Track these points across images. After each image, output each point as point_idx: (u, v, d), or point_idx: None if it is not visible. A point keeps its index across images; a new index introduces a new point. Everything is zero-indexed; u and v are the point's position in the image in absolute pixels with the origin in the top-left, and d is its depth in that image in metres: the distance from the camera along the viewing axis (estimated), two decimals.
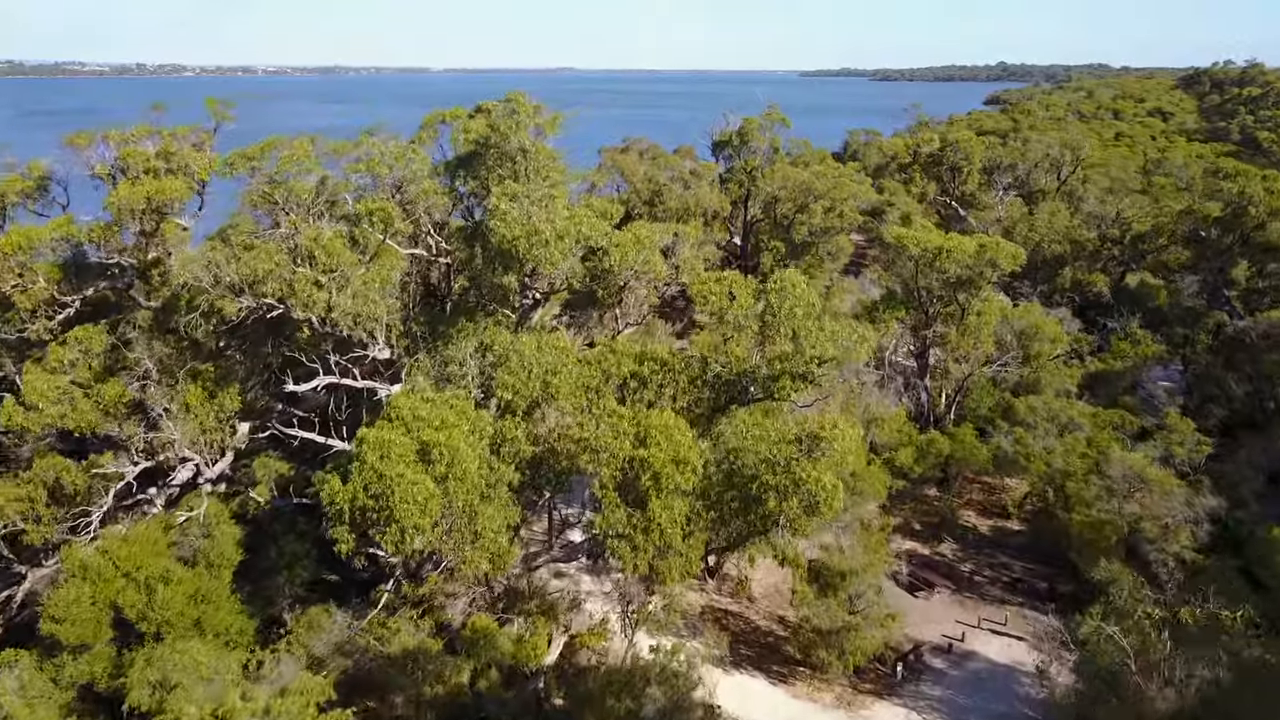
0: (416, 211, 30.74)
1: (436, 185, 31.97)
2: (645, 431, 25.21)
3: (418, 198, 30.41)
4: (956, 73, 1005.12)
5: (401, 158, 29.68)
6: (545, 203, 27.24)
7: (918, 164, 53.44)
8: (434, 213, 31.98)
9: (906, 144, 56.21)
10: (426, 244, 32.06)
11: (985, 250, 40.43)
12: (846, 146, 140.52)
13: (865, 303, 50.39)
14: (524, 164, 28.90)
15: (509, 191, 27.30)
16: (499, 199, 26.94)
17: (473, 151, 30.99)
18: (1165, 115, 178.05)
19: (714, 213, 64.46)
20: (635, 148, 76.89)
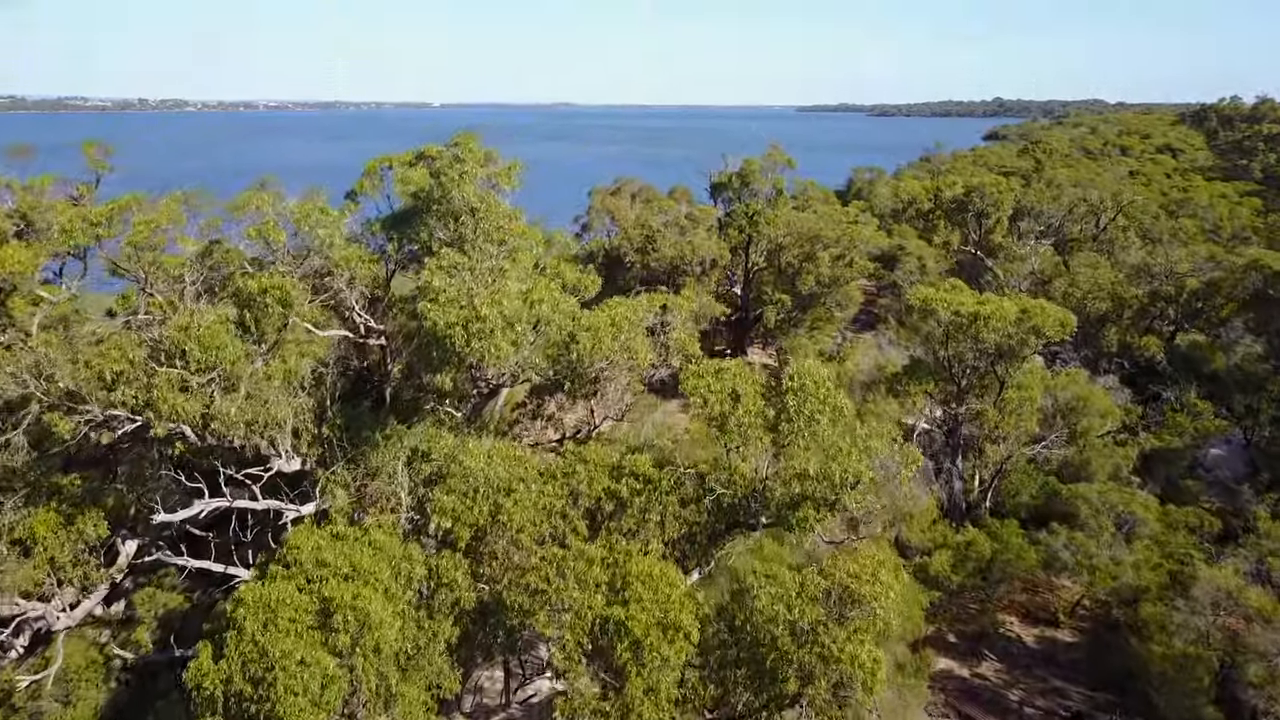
0: (337, 283, 24.88)
1: (363, 251, 26.20)
2: (623, 581, 19.08)
3: (337, 266, 24.59)
4: (953, 108, 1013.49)
5: (306, 220, 23.80)
6: (494, 277, 21.42)
7: (940, 210, 48.09)
8: (361, 284, 26.07)
9: (926, 188, 50.94)
10: (353, 323, 26.17)
11: (1028, 316, 34.53)
12: (850, 185, 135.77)
13: (885, 368, 44.47)
14: (471, 225, 23.12)
15: (446, 263, 21.47)
16: (432, 273, 21.10)
17: (412, 208, 25.27)
18: (1174, 152, 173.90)
19: (712, 261, 58.74)
20: (627, 189, 71.52)
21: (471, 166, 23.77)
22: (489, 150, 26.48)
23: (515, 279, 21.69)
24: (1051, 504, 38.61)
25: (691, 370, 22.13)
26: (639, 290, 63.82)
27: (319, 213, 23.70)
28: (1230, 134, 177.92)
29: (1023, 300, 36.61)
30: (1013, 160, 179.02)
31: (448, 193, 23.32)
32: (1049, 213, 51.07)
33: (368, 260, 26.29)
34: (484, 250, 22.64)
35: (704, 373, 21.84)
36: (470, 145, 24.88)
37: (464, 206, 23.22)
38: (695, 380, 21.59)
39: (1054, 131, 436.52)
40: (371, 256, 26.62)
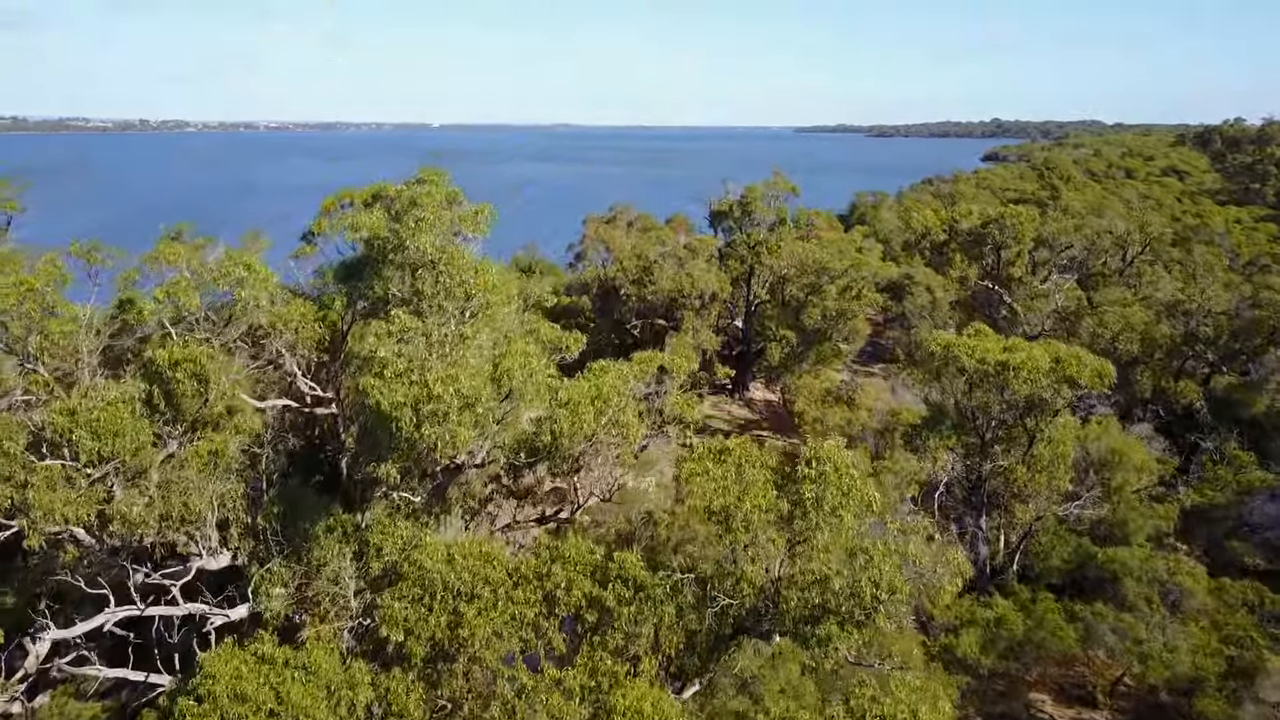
0: (274, 345, 21.59)
1: (307, 307, 22.89)
2: (606, 715, 15.65)
3: (274, 327, 21.32)
4: (952, 129, 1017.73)
5: (225, 279, 20.43)
6: (454, 345, 18.18)
7: (956, 242, 45.10)
8: (306, 346, 22.73)
9: (941, 218, 47.93)
10: (298, 391, 22.88)
11: (1063, 366, 31.25)
12: (853, 209, 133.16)
13: (900, 415, 41.13)
14: (430, 280, 19.83)
15: (398, 329, 18.19)
16: (379, 340, 17.82)
17: (365, 256, 22.00)
18: (1180, 174, 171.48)
19: (712, 294, 55.56)
20: (623, 217, 68.53)
21: (431, 213, 20.45)
22: (454, 191, 23.15)
23: (479, 346, 18.41)
24: (1086, 568, 35.14)
25: (690, 465, 18.77)
26: (634, 324, 60.74)
27: (243, 269, 20.37)
28: (1239, 157, 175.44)
29: (1054, 346, 33.32)
30: (1016, 182, 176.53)
31: (402, 243, 20.09)
32: (1071, 244, 47.80)
33: (313, 318, 22.97)
34: (444, 310, 19.38)
35: (704, 455, 18.51)
36: (431, 189, 21.51)
37: (421, 259, 19.97)
38: (695, 466, 18.25)
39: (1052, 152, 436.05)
40: (318, 314, 23.27)
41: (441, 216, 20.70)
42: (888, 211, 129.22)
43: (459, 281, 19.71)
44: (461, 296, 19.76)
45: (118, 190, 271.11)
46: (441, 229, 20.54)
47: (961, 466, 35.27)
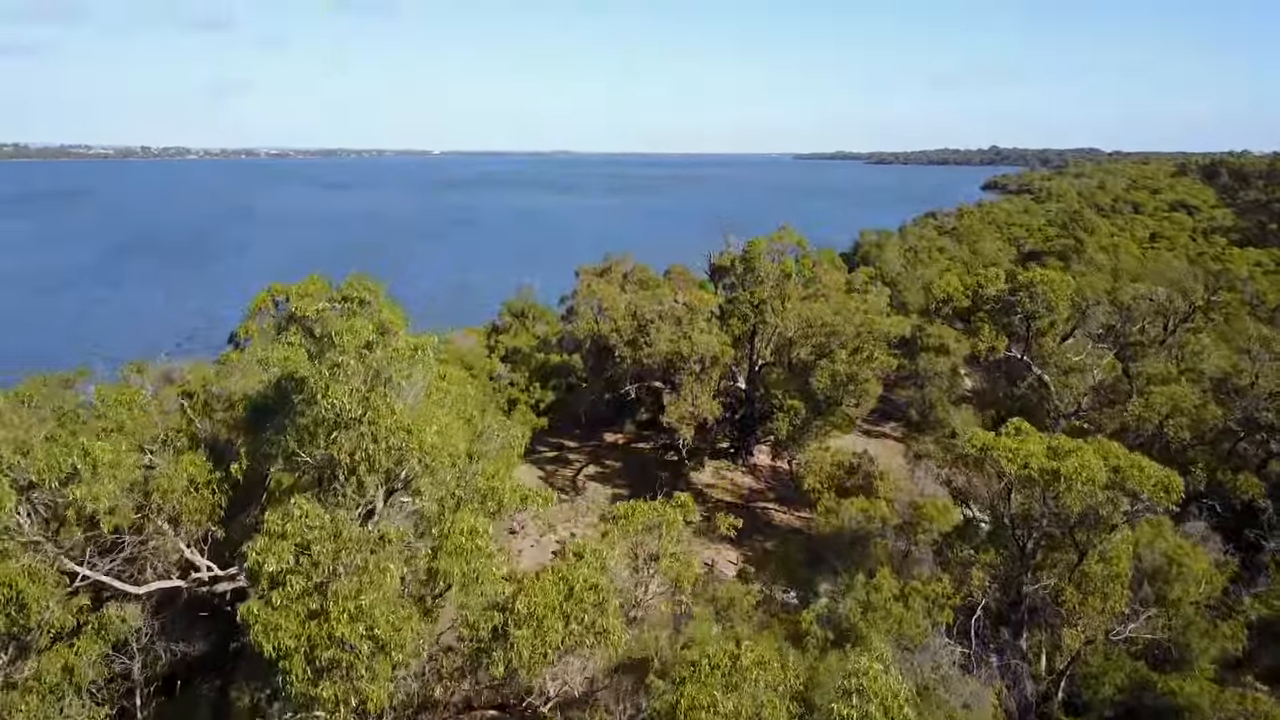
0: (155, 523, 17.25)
1: (197, 465, 18.53)
2: None
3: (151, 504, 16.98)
4: (950, 156, 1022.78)
5: (52, 472, 15.95)
6: (372, 548, 13.88)
7: (983, 311, 41.11)
8: (194, 519, 18.37)
9: (965, 283, 43.91)
10: (190, 565, 18.57)
11: (1122, 477, 26.97)
12: (857, 248, 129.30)
13: (924, 510, 36.71)
14: (347, 444, 15.40)
15: (295, 527, 13.82)
16: (266, 544, 13.37)
17: (279, 396, 17.72)
18: (1189, 209, 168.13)
19: (713, 358, 51.37)
20: (618, 268, 64.54)
21: (353, 355, 16.20)
22: (386, 318, 18.78)
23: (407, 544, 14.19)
24: (1143, 696, 30.63)
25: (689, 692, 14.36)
26: (629, 391, 56.47)
27: (79, 456, 15.91)
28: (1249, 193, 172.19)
29: (1107, 447, 29.00)
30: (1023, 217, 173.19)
31: (314, 396, 15.87)
32: (1115, 313, 43.34)
33: (206, 480, 18.63)
34: (364, 489, 15.16)
35: (709, 678, 14.12)
36: (355, 325, 17.06)
37: (337, 417, 15.77)
38: (697, 701, 13.86)
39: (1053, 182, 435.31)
40: (211, 474, 18.93)
41: (367, 360, 16.48)
42: (893, 250, 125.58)
43: (385, 447, 15.52)
44: (389, 464, 15.58)
45: (117, 219, 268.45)
46: (369, 371, 16.33)
47: (999, 583, 30.83)
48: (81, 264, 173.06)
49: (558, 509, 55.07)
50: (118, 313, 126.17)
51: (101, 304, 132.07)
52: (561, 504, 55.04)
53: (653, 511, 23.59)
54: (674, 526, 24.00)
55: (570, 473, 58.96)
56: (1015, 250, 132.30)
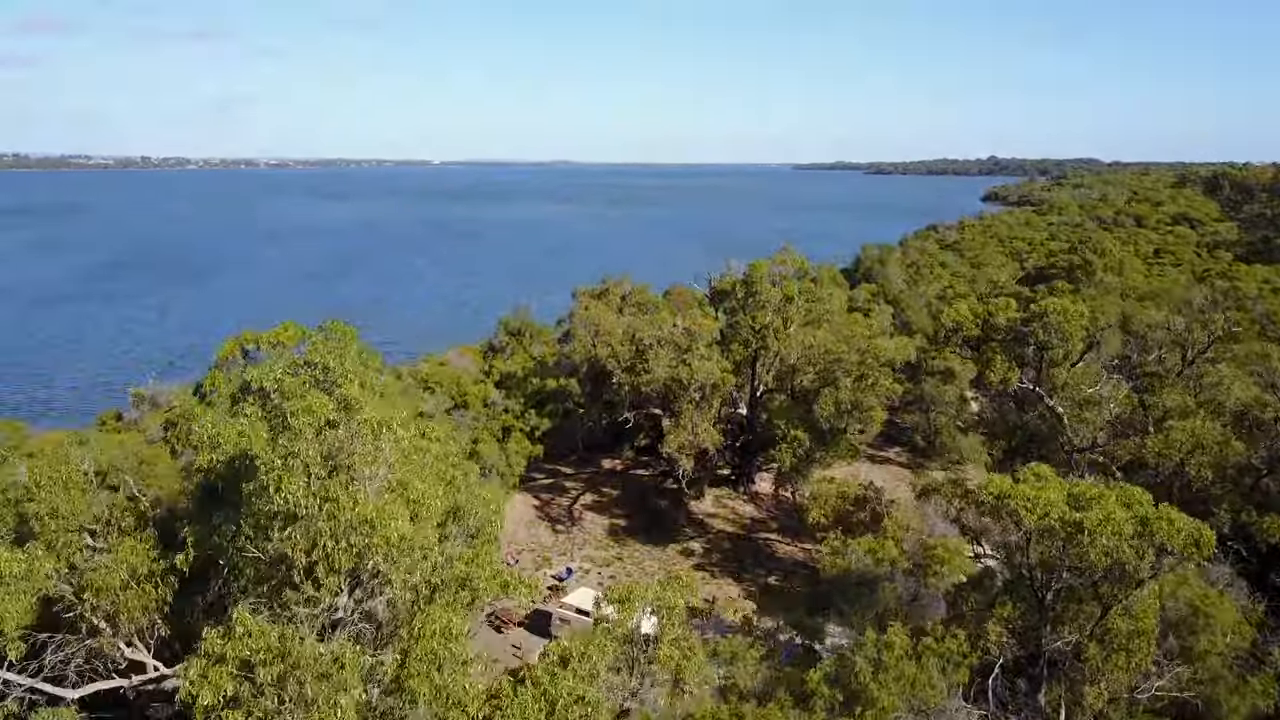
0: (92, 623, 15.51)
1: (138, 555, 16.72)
2: None
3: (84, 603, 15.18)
4: (949, 166, 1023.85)
5: None
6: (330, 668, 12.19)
7: (995, 341, 39.55)
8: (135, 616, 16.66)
9: (976, 311, 42.32)
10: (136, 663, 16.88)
11: (1150, 530, 25.34)
12: (859, 264, 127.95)
13: (936, 551, 35.09)
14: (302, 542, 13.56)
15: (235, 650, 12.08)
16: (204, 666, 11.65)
17: (232, 477, 15.91)
18: (1192, 223, 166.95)
19: (713, 385, 49.79)
20: (616, 290, 63.09)
21: (307, 444, 14.40)
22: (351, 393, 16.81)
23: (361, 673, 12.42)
24: None
25: None
26: (629, 417, 54.85)
27: None
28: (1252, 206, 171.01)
29: (1131, 494, 27.38)
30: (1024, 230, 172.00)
31: (265, 487, 14.17)
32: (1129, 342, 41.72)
33: (147, 572, 16.85)
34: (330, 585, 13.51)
35: None
36: (313, 402, 15.19)
37: (290, 512, 14.09)
38: None
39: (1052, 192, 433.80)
40: (155, 561, 17.13)
41: (327, 441, 14.81)
42: (895, 266, 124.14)
43: (346, 545, 13.84)
44: (350, 564, 13.89)
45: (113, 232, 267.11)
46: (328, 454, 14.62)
47: (1016, 636, 29.15)
48: (76, 279, 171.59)
49: (553, 541, 53.39)
50: (110, 328, 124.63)
51: (94, 319, 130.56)
52: (558, 535, 53.39)
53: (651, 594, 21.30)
54: (676, 612, 22.04)
55: (567, 501, 57.31)
56: (1018, 265, 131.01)
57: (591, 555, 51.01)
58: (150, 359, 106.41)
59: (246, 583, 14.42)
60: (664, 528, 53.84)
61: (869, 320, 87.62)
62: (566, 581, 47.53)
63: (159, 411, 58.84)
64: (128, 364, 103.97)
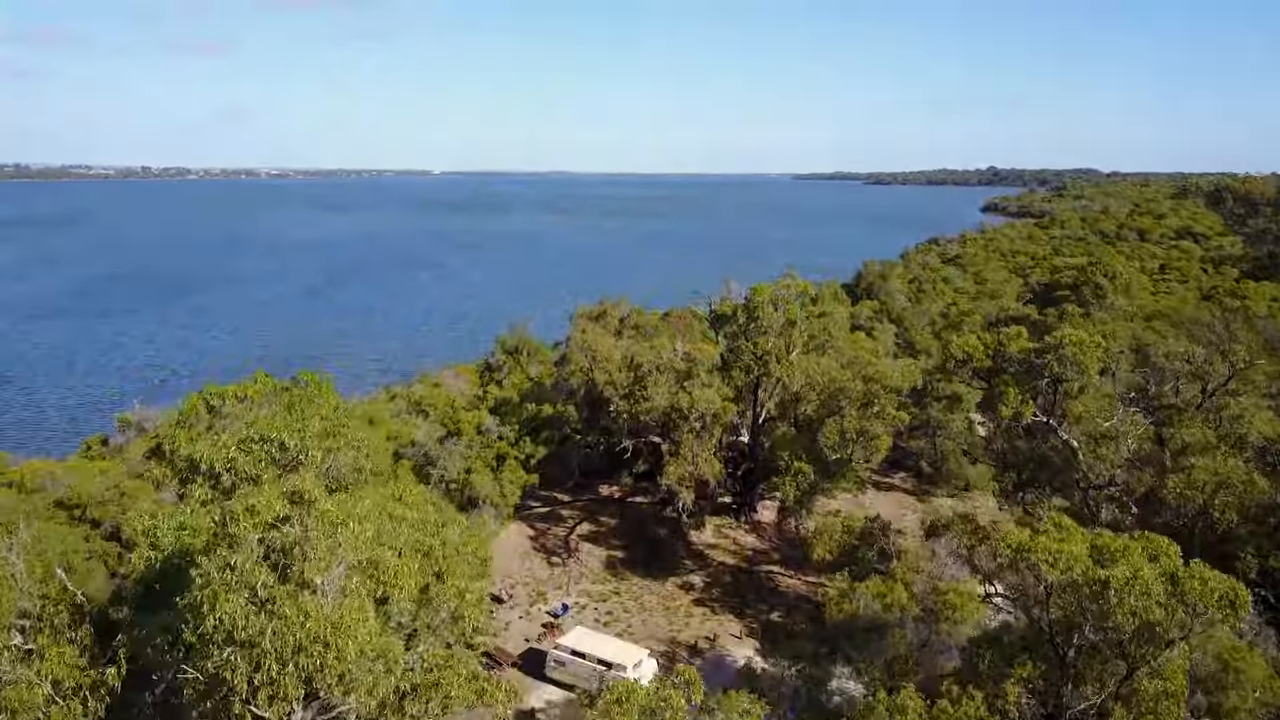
0: None
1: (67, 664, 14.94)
2: None
3: None
4: (948, 176, 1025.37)
5: None
6: None
7: (1007, 373, 38.15)
8: None
9: (986, 341, 40.95)
10: None
11: (1181, 589, 23.76)
12: (859, 279, 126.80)
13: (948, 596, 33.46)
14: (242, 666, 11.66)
15: None
16: None
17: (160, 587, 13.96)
18: (1196, 237, 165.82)
19: (714, 414, 48.24)
20: (614, 312, 61.59)
21: (247, 553, 12.58)
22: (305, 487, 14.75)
23: None
24: None
25: None
26: (626, 446, 53.27)
27: None
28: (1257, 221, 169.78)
29: (1158, 544, 25.82)
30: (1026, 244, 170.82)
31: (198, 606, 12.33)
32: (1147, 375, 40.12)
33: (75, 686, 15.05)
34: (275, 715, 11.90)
35: None
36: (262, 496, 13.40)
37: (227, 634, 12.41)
38: None
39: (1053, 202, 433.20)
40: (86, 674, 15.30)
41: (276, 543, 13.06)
42: (897, 281, 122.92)
43: (293, 670, 12.21)
44: (299, 690, 12.25)
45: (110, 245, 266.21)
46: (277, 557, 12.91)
47: (1036, 696, 27.51)
48: (70, 293, 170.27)
49: (549, 574, 51.67)
50: (104, 343, 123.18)
51: (87, 334, 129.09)
52: (553, 568, 51.69)
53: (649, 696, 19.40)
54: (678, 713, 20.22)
55: (563, 531, 55.63)
56: (1022, 281, 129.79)
57: (588, 589, 49.33)
58: (143, 376, 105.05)
59: (187, 699, 12.84)
60: (663, 559, 52.15)
61: (873, 340, 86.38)
62: (562, 618, 45.88)
63: (145, 438, 57.38)
64: (120, 382, 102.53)
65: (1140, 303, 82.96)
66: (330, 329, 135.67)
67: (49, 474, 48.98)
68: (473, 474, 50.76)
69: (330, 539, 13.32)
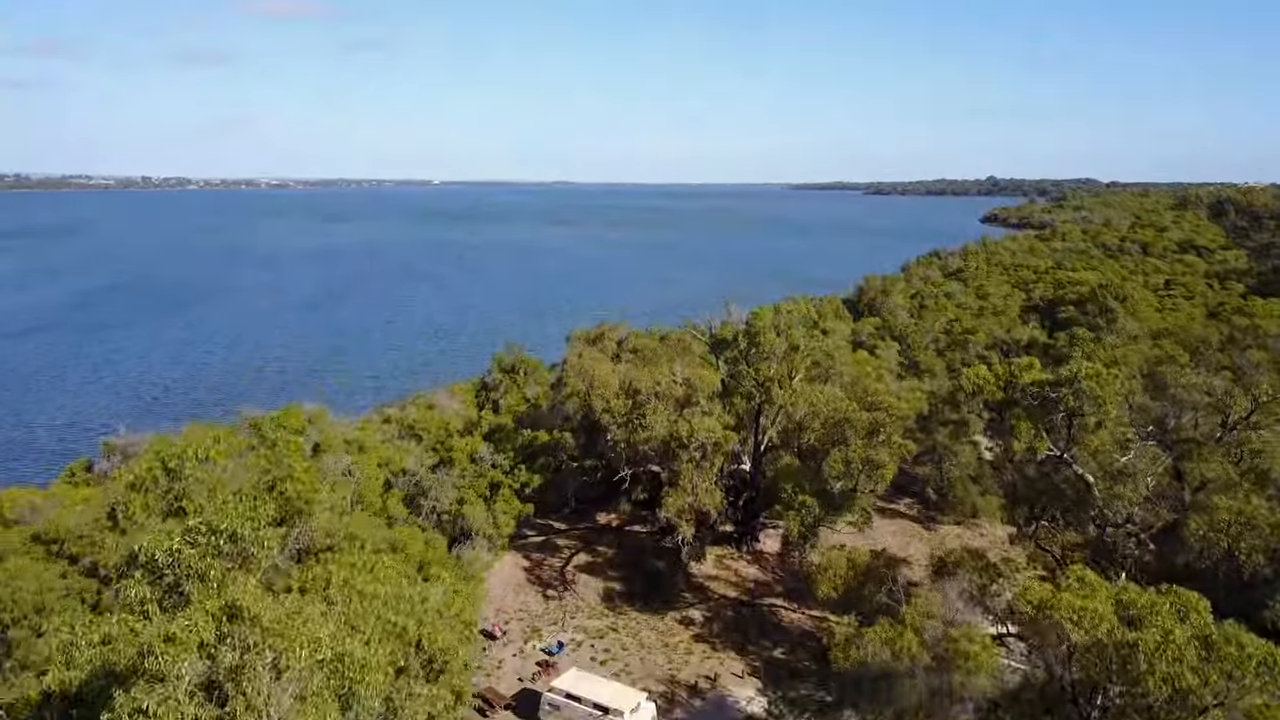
0: None
1: None
2: None
3: None
4: (947, 186, 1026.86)
5: None
6: None
7: (1020, 406, 36.59)
8: None
9: (998, 373, 39.42)
10: None
11: (1217, 655, 22.17)
12: (860, 294, 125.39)
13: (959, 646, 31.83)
14: None
15: None
16: None
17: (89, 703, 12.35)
18: (1200, 250, 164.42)
19: (715, 443, 46.68)
20: (611, 335, 60.12)
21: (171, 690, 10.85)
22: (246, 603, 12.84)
23: None
24: None
25: None
26: (624, 475, 51.70)
27: None
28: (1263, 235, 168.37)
29: (1187, 599, 24.24)
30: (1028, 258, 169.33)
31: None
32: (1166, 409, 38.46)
33: None
34: None
35: None
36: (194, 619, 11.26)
37: None
38: None
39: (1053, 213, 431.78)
40: None
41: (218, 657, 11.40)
42: (899, 296, 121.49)
43: None
44: None
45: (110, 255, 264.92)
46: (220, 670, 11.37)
47: None
48: (65, 307, 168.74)
49: (544, 609, 49.94)
50: (96, 360, 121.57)
51: (79, 351, 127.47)
52: (548, 601, 50.01)
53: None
54: None
55: (558, 562, 53.95)
56: (1024, 295, 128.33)
57: (585, 625, 47.63)
58: (136, 393, 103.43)
59: None
60: (662, 592, 50.45)
61: (876, 359, 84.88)
62: (557, 656, 44.20)
63: (128, 466, 55.76)
64: (112, 399, 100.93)
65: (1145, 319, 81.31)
66: (327, 345, 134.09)
67: (29, 504, 47.39)
68: (465, 505, 49.17)
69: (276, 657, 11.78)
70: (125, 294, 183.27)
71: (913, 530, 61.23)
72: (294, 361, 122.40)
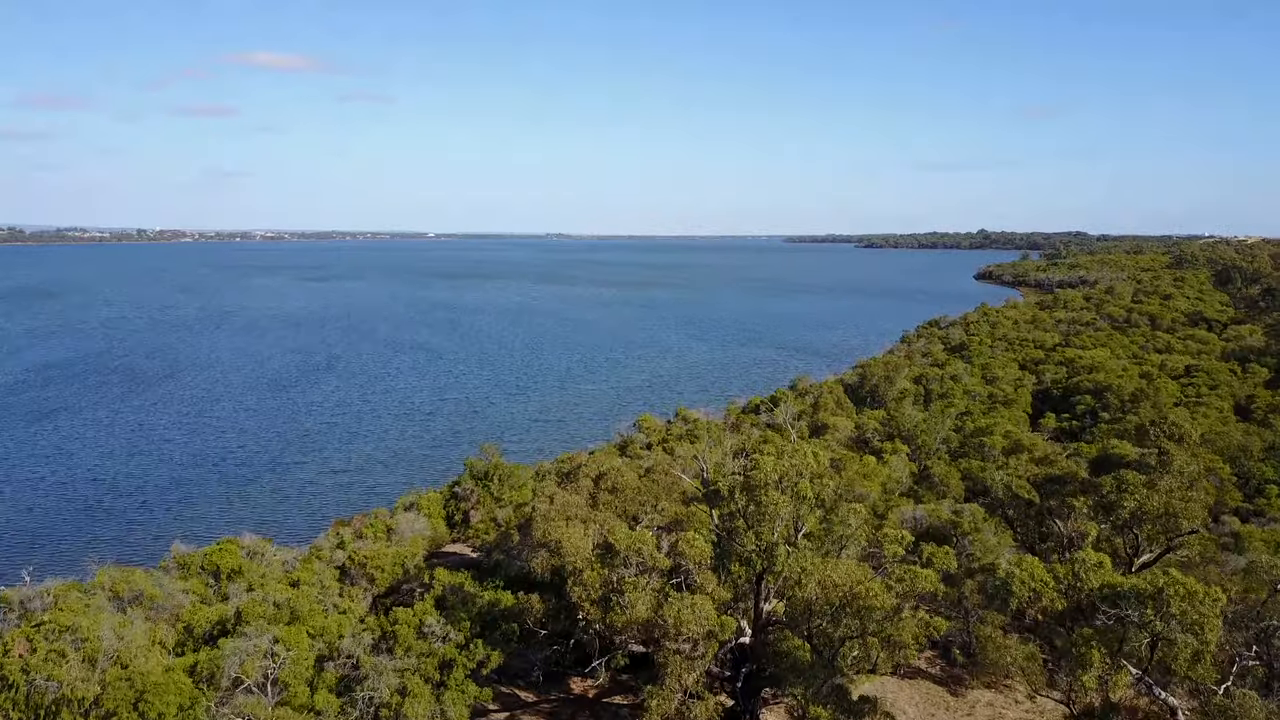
0: None
1: None
2: None
3: None
4: (939, 240, 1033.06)
5: None
6: None
7: (1088, 626, 29.61)
8: None
9: (1060, 572, 32.37)
10: None
11: None
12: (864, 380, 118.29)
13: None
14: None
15: None
16: None
17: None
18: (1210, 323, 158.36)
19: (708, 632, 38.80)
20: (586, 470, 52.57)
21: None
22: None
23: None
24: None
25: None
26: (597, 664, 43.78)
27: None
28: (1276, 314, 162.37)
29: None
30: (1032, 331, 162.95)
31: None
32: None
33: None
34: None
35: None
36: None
37: None
38: None
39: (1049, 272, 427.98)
40: None
41: None
42: (904, 381, 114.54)
43: None
44: None
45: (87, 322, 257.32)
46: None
47: None
48: (19, 386, 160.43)
49: None
50: (46, 451, 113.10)
51: (26, 442, 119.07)
52: None
53: None
54: None
55: None
56: (1034, 379, 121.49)
57: None
58: (79, 498, 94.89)
59: None
60: None
61: (884, 467, 77.36)
62: None
63: (25, 625, 47.38)
64: (55, 504, 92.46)
65: (1181, 426, 73.80)
66: (296, 430, 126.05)
67: None
68: (408, 696, 40.99)
69: None
70: (91, 370, 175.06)
71: (936, 696, 52.87)
72: (257, 451, 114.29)
